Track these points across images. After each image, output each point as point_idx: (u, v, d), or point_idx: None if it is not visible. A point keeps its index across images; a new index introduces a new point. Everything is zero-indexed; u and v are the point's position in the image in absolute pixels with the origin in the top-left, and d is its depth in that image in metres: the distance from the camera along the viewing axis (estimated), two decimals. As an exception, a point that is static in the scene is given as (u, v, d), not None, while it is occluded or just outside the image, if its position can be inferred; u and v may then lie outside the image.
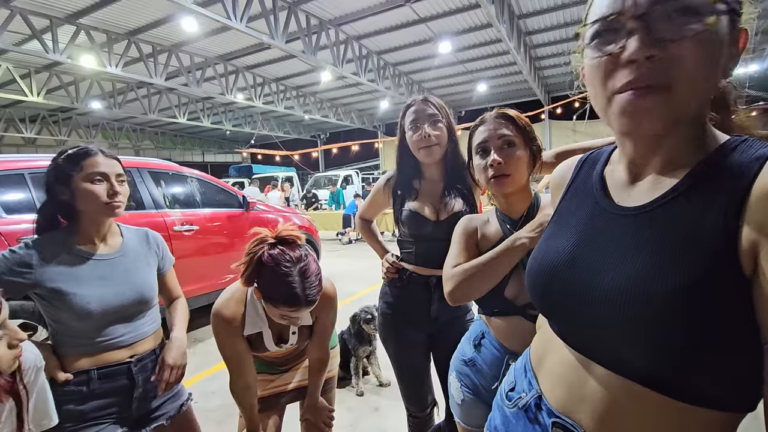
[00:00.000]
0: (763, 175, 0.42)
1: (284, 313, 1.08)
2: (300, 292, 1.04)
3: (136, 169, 3.14)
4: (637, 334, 0.46)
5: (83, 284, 1.08)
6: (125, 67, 8.76)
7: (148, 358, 1.19)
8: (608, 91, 0.47)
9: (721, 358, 0.42)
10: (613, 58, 0.46)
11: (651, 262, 0.47)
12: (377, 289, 1.55)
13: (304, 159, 17.00)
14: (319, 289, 1.10)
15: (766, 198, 0.41)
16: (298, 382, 1.45)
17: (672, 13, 0.43)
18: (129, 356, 1.15)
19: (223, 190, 3.90)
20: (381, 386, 2.59)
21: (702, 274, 0.43)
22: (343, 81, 11.68)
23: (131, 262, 1.20)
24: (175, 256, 1.43)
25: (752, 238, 0.41)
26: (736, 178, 0.44)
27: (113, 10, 7.34)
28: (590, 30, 0.49)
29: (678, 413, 0.47)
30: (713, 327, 0.42)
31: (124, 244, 1.21)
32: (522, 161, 0.97)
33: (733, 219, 0.43)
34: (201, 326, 3.72)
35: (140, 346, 1.18)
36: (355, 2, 7.65)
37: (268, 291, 1.07)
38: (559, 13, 8.39)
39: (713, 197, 0.45)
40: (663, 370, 0.46)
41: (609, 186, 0.59)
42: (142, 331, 1.19)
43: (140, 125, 18.29)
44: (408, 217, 1.35)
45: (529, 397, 0.64)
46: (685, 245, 0.45)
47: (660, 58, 0.43)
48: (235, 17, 6.53)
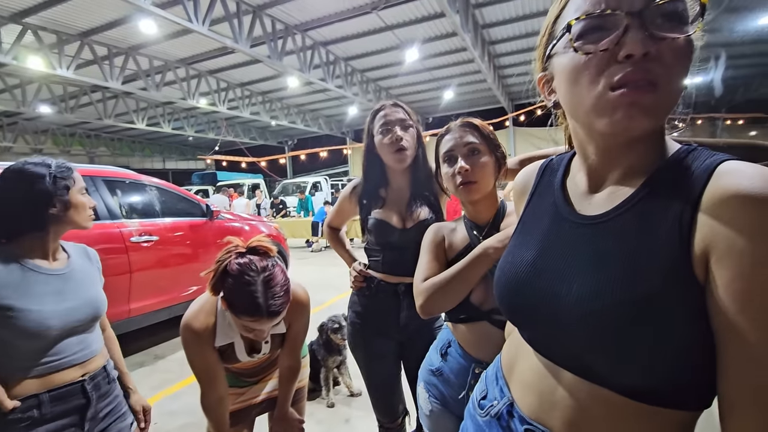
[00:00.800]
0: (712, 185, 0.44)
1: (246, 323, 1.06)
2: (262, 302, 1.02)
3: (89, 178, 2.95)
4: (601, 342, 0.47)
5: (39, 300, 1.03)
6: (78, 69, 8.31)
7: (99, 375, 1.15)
8: (600, 88, 0.47)
9: (681, 363, 0.44)
10: (608, 54, 0.46)
11: (611, 271, 0.48)
12: (347, 297, 1.52)
13: (272, 165, 16.67)
14: (285, 300, 1.07)
15: (715, 206, 0.42)
16: (267, 394, 1.42)
17: (661, 16, 0.44)
18: (81, 375, 1.10)
19: (185, 198, 3.75)
20: (352, 396, 2.54)
21: (659, 283, 0.44)
22: (311, 87, 11.59)
23: (81, 276, 1.16)
24: (133, 268, 1.38)
25: (703, 246, 0.43)
26: (688, 188, 0.46)
27: (64, 9, 6.95)
28: (577, 26, 0.48)
29: (645, 415, 0.48)
30: (672, 334, 0.43)
31: (70, 260, 1.17)
32: (487, 168, 0.98)
33: (686, 227, 0.44)
34: (162, 341, 3.54)
35: (91, 363, 1.14)
36: (321, 8, 7.62)
37: (230, 300, 1.05)
38: (521, 24, 8.71)
39: (667, 206, 0.47)
40: (627, 376, 0.47)
41: (570, 194, 0.60)
42: (92, 349, 1.15)
43: (95, 131, 17.36)
44: (374, 225, 1.34)
45: (501, 404, 0.64)
46: (643, 254, 0.46)
47: (654, 56, 0.44)
48: (196, 20, 6.34)
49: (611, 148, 0.53)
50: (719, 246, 0.41)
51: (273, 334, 1.25)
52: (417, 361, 1.39)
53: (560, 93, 0.54)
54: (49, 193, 1.07)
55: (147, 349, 3.39)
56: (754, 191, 0.40)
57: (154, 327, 3.29)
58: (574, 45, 0.48)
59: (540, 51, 0.59)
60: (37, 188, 1.06)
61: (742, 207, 0.40)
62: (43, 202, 1.07)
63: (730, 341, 0.41)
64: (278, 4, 7.32)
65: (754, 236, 0.39)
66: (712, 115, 2.32)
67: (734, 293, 0.40)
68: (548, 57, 0.56)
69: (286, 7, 7.49)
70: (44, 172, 1.07)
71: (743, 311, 0.39)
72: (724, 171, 0.44)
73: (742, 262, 0.39)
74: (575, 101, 0.51)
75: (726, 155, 0.47)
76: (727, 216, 0.41)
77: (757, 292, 0.38)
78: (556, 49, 0.53)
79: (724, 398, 0.43)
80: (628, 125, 0.46)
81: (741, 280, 0.39)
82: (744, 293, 0.39)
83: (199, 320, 1.15)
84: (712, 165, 0.45)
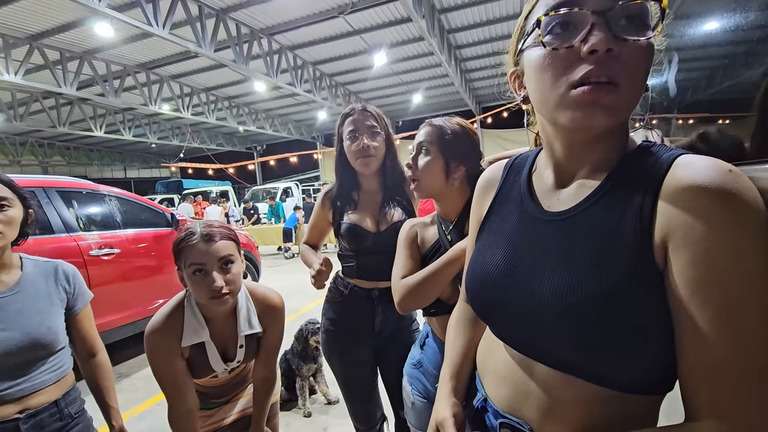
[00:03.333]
0: (670, 177, 0.46)
1: (193, 262, 1.04)
2: (196, 230, 1.06)
3: (41, 189, 2.79)
4: (574, 335, 0.48)
5: None
6: (27, 75, 7.82)
7: (46, 411, 1.03)
8: (564, 84, 0.48)
9: (648, 350, 0.45)
10: (573, 50, 0.47)
11: (580, 266, 0.50)
12: (321, 304, 1.49)
13: (240, 172, 16.32)
14: (224, 233, 1.09)
15: (673, 197, 0.45)
16: (237, 414, 1.34)
17: (625, 17, 0.46)
18: (17, 411, 0.98)
19: (148, 208, 3.60)
20: (329, 404, 2.50)
21: (624, 274, 0.46)
22: (279, 91, 11.42)
23: (28, 300, 1.04)
24: (92, 283, 1.27)
25: (662, 235, 0.45)
26: (649, 180, 0.48)
27: (10, 11, 6.53)
28: (545, 21, 0.49)
29: (615, 401, 0.50)
30: (639, 323, 0.45)
31: (21, 280, 1.05)
32: (431, 167, 0.99)
33: (646, 219, 0.46)
34: (126, 359, 3.38)
35: (34, 398, 1.01)
36: (287, 12, 7.53)
37: (174, 252, 1.08)
38: (485, 29, 8.92)
39: (629, 199, 0.49)
40: (598, 366, 0.48)
41: (536, 191, 0.61)
42: (38, 381, 1.02)
43: (48, 139, 16.41)
44: (348, 230, 1.32)
45: (476, 400, 0.64)
46: (607, 248, 0.48)
47: (616, 54, 0.45)
48: (156, 23, 6.11)
49: (576, 144, 0.54)
50: (676, 234, 0.43)
51: (248, 337, 1.19)
52: (393, 366, 1.39)
53: (529, 88, 0.55)
54: None
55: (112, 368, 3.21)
56: (708, 182, 0.42)
57: (117, 344, 3.13)
58: (542, 40, 0.49)
59: (512, 46, 0.60)
60: None
61: (698, 197, 0.42)
62: None
63: (685, 324, 0.43)
64: (242, 8, 7.17)
65: (708, 224, 0.41)
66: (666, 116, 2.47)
67: (688, 279, 0.42)
68: (520, 52, 0.57)
69: (250, 11, 7.35)
70: None
71: (695, 294, 0.42)
72: (681, 164, 0.46)
73: (696, 249, 0.42)
74: (541, 96, 0.52)
75: (683, 150, 0.49)
76: (683, 206, 0.43)
77: (708, 277, 0.41)
78: (526, 44, 0.54)
79: (683, 379, 0.45)
80: (588, 123, 0.48)
81: (694, 266, 0.42)
82: (697, 279, 0.42)
83: (163, 322, 1.10)
84: (671, 158, 0.48)
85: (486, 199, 0.70)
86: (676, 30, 0.83)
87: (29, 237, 1.11)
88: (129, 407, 2.60)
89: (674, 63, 0.82)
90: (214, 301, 1.06)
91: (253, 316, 1.20)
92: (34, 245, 2.54)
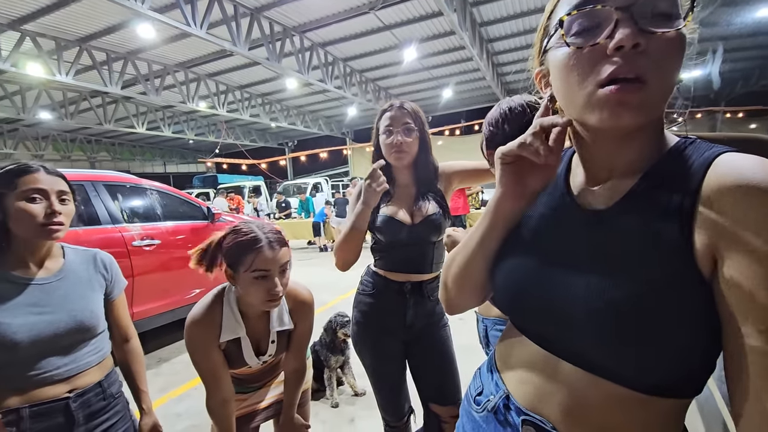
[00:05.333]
0: (710, 176, 0.44)
1: (257, 268, 1.07)
2: (260, 236, 1.10)
3: (90, 183, 2.97)
4: (603, 333, 0.48)
5: (10, 312, 0.98)
6: (77, 75, 8.32)
7: (92, 391, 1.09)
8: (591, 83, 0.47)
9: (683, 353, 0.44)
10: (598, 48, 0.46)
11: (614, 265, 0.49)
12: (350, 298, 1.52)
13: (272, 167, 16.69)
14: (281, 238, 1.14)
15: (716, 197, 0.43)
16: (271, 399, 1.40)
17: (651, 11, 0.45)
18: (67, 391, 1.04)
19: (186, 201, 3.76)
20: (356, 396, 2.55)
21: (661, 275, 0.45)
22: (310, 88, 11.59)
23: (71, 286, 1.10)
24: (135, 272, 1.34)
25: (706, 238, 0.43)
26: (687, 179, 0.46)
27: (61, 16, 6.97)
28: (569, 21, 0.48)
29: (640, 404, 0.49)
30: (673, 325, 0.44)
31: (64, 267, 1.11)
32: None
33: (686, 219, 0.45)
34: (166, 345, 3.56)
35: (81, 379, 1.07)
36: (319, 9, 7.62)
37: (232, 253, 1.11)
38: (519, 21, 8.69)
39: (667, 198, 0.47)
40: (627, 366, 0.47)
41: (573, 190, 0.60)
42: (84, 362, 1.08)
43: (95, 136, 17.41)
44: (383, 222, 1.34)
45: (497, 398, 0.64)
46: (644, 248, 0.47)
47: (643, 49, 0.44)
48: (194, 24, 6.34)
49: (608, 142, 0.53)
50: (725, 237, 0.41)
51: (279, 333, 1.24)
52: (422, 360, 1.40)
53: (555, 88, 0.54)
54: None
55: (151, 353, 3.40)
56: (756, 182, 0.40)
57: (157, 330, 3.30)
58: (566, 40, 0.49)
59: (537, 46, 0.59)
60: None
61: (746, 198, 0.40)
62: None
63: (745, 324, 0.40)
64: (276, 6, 7.32)
65: (762, 226, 0.39)
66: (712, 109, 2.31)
67: (750, 278, 0.40)
68: (544, 52, 0.56)
69: (283, 9, 7.49)
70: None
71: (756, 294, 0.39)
72: (722, 162, 0.45)
73: (752, 251, 0.40)
74: (568, 97, 0.51)
75: (725, 147, 0.47)
76: (730, 207, 0.41)
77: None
78: (550, 44, 0.53)
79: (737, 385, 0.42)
80: (616, 122, 0.47)
81: (756, 266, 0.39)
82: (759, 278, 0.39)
83: (204, 315, 1.15)
84: (711, 157, 0.46)
85: None
86: (722, 18, 0.78)
87: (77, 228, 1.16)
88: (168, 390, 2.74)
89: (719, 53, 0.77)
90: (269, 303, 1.11)
91: (285, 313, 1.25)
92: (84, 235, 2.71)
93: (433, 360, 1.39)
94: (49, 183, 1.03)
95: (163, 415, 2.36)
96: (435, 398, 1.39)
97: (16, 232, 1.02)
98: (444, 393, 1.38)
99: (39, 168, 1.03)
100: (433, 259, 1.37)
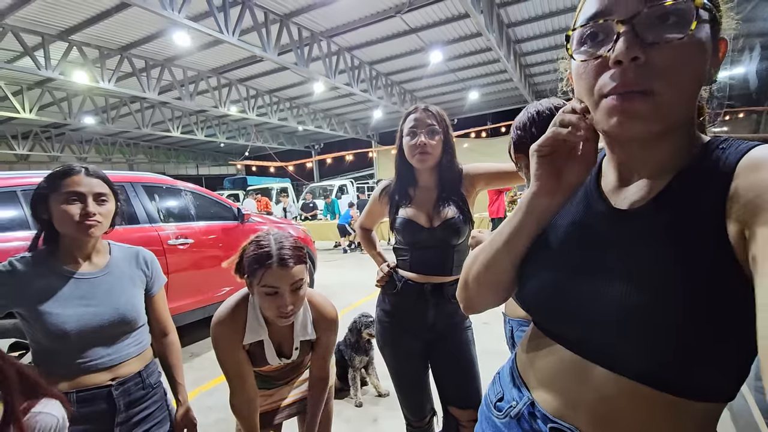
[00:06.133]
0: (740, 167, 0.44)
1: (266, 284, 1.07)
2: (272, 251, 1.08)
3: (129, 184, 3.13)
4: (640, 332, 0.47)
5: (61, 303, 1.06)
6: (118, 82, 8.77)
7: (132, 381, 1.15)
8: (596, 94, 0.48)
9: (718, 352, 0.43)
10: (602, 61, 0.47)
11: (649, 262, 0.48)
12: (373, 299, 1.55)
13: (299, 170, 17.01)
14: (296, 253, 1.11)
15: (742, 182, 0.43)
16: (295, 396, 1.43)
17: (656, 20, 0.44)
18: (110, 379, 1.10)
19: (218, 202, 3.89)
20: (380, 396, 2.57)
21: (698, 271, 0.44)
22: (336, 92, 11.76)
23: (115, 281, 1.16)
24: (170, 270, 1.40)
25: (737, 225, 0.42)
26: (719, 176, 0.46)
27: (105, 26, 7.37)
28: (577, 34, 0.49)
29: (674, 408, 0.47)
30: (711, 322, 0.43)
31: (110, 263, 1.18)
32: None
33: (719, 215, 0.44)
34: (197, 340, 3.69)
35: (122, 368, 1.13)
36: (346, 14, 7.73)
37: (249, 267, 1.11)
38: (548, 21, 8.53)
39: (700, 196, 0.47)
40: (662, 367, 0.46)
41: (604, 188, 0.59)
42: (125, 353, 1.14)
43: (134, 139, 18.24)
44: (402, 224, 1.36)
45: (521, 405, 0.62)
46: (680, 244, 0.46)
47: (644, 62, 0.44)
48: (227, 31, 6.57)
49: (633, 145, 0.53)
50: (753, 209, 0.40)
51: (302, 342, 1.26)
52: (445, 361, 1.41)
53: (576, 94, 0.56)
54: (34, 203, 1.09)
55: (184, 348, 3.53)
56: None
57: (189, 326, 3.43)
58: (571, 54, 0.50)
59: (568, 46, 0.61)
60: (31, 199, 1.10)
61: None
62: (35, 212, 1.09)
63: None
64: (304, 12, 7.48)
65: None
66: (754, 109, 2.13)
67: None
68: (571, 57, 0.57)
69: (311, 15, 7.65)
70: (41, 183, 1.09)
71: None
72: (753, 152, 0.44)
73: None
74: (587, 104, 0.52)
75: (759, 143, 0.46)
76: (758, 181, 0.41)
77: None
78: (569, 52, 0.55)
79: None
80: (623, 131, 0.47)
81: None
82: None
83: (229, 316, 1.18)
84: (744, 150, 0.45)
85: None
86: (761, 14, 0.76)
87: (118, 226, 1.23)
88: (199, 384, 2.84)
89: (756, 51, 0.75)
90: (281, 319, 1.12)
91: (309, 324, 1.26)
92: (124, 233, 2.87)
93: (453, 361, 1.40)
94: (88, 185, 1.09)
95: (194, 408, 2.45)
96: (454, 401, 1.39)
97: (59, 230, 1.10)
98: (463, 395, 1.38)
99: (80, 170, 1.10)
100: (454, 263, 1.36)
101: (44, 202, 1.08)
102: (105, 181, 1.15)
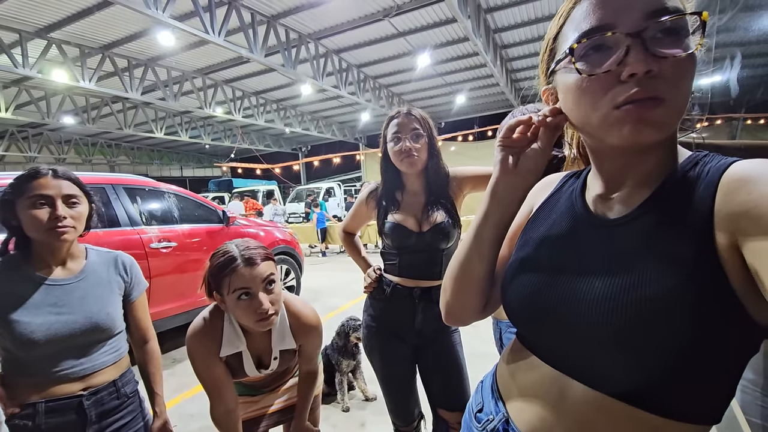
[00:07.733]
0: (724, 180, 0.45)
1: (237, 287, 1.04)
2: (236, 254, 1.06)
3: (110, 186, 3.06)
4: (620, 345, 0.46)
5: (30, 311, 1.01)
6: (99, 81, 8.58)
7: (105, 390, 1.10)
8: (606, 105, 0.47)
9: (700, 369, 0.43)
10: (611, 74, 0.46)
11: (632, 273, 0.47)
12: (360, 302, 1.53)
13: (286, 172, 16.87)
14: (262, 253, 1.09)
15: (728, 189, 0.43)
16: (282, 403, 1.40)
17: (662, 33, 0.45)
18: (81, 389, 1.06)
19: (202, 205, 3.83)
20: (367, 401, 2.54)
21: (681, 283, 0.43)
22: (324, 94, 11.72)
23: (90, 287, 1.12)
24: (152, 274, 1.36)
25: (727, 236, 0.43)
26: (703, 187, 0.46)
27: (86, 24, 7.21)
28: (579, 48, 0.49)
29: (653, 429, 0.46)
30: (694, 337, 0.42)
31: (85, 268, 1.14)
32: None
33: (706, 224, 0.44)
34: (180, 346, 3.61)
35: (96, 377, 1.09)
36: (334, 16, 7.73)
37: (216, 278, 1.07)
38: (533, 27, 8.67)
39: (684, 206, 0.47)
40: (642, 380, 0.45)
41: (588, 201, 0.59)
42: (99, 362, 1.10)
43: (115, 140, 17.86)
44: (391, 228, 1.35)
45: (497, 421, 0.62)
46: (664, 255, 0.46)
47: (656, 73, 0.44)
48: (212, 31, 6.49)
49: (625, 157, 0.53)
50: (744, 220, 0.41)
51: (282, 351, 1.23)
52: (432, 365, 1.40)
53: (565, 108, 0.54)
54: (1, 210, 1.05)
55: (166, 353, 3.46)
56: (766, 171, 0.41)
57: (172, 331, 3.35)
58: (577, 68, 0.49)
59: (543, 65, 0.59)
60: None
61: (757, 185, 0.41)
62: (3, 219, 1.05)
63: None
64: (292, 14, 7.45)
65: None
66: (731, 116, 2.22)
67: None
68: (551, 72, 0.56)
69: (299, 17, 7.62)
70: (6, 189, 1.04)
71: None
72: (736, 167, 0.45)
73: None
74: (582, 118, 0.51)
75: (737, 158, 0.47)
76: (745, 195, 0.42)
77: None
78: (558, 66, 0.53)
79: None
80: (637, 139, 0.47)
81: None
82: None
83: (204, 328, 1.14)
84: (725, 164, 0.46)
85: (540, 195, 0.69)
86: (740, 23, 0.77)
87: (97, 230, 1.19)
88: (182, 390, 2.78)
89: (737, 60, 0.77)
90: (261, 323, 1.07)
91: (288, 335, 1.22)
92: (104, 237, 2.79)
93: (442, 364, 1.39)
94: (56, 187, 1.05)
95: (176, 415, 2.40)
96: (443, 403, 1.39)
97: (30, 236, 1.05)
98: (452, 397, 1.37)
99: (47, 172, 1.05)
100: (443, 267, 1.36)
101: (11, 209, 1.03)
102: (75, 182, 1.10)
